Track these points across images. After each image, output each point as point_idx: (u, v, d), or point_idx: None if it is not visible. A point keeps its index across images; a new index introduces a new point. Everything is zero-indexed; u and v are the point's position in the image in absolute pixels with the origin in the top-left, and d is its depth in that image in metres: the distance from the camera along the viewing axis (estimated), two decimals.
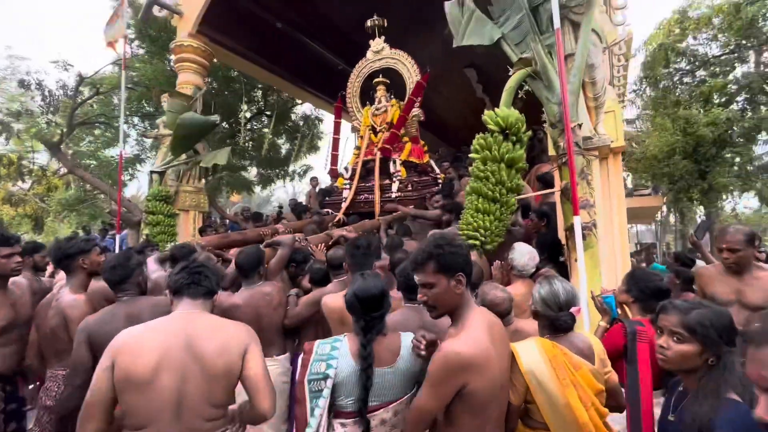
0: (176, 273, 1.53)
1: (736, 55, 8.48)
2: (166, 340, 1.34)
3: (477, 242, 2.83)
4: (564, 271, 3.02)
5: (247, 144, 12.20)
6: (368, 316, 1.55)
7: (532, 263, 2.70)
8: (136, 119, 11.16)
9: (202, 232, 5.74)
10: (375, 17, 6.40)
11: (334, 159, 6.70)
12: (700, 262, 5.45)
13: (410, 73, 5.99)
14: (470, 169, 3.05)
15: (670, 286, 2.20)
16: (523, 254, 2.68)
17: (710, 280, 2.50)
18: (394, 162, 5.65)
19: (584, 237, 2.67)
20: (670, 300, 1.37)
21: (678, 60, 8.97)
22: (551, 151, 3.33)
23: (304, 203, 7.55)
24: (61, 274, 2.69)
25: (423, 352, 1.43)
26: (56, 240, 2.35)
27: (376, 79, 6.30)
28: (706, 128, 7.40)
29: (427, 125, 7.77)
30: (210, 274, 1.56)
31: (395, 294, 2.08)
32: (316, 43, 8.03)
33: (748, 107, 8.50)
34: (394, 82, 6.40)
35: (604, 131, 3.15)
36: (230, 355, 1.39)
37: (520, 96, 3.28)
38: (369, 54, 6.39)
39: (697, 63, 8.86)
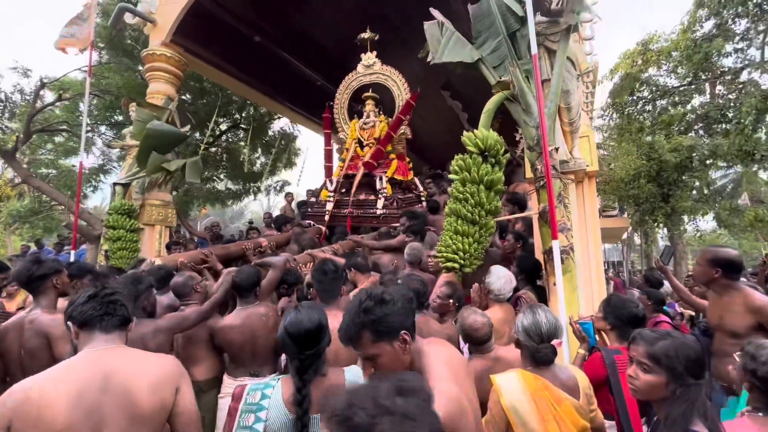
0: (83, 302, 1.32)
1: (693, 86, 9.08)
2: (76, 385, 1.15)
3: (456, 265, 2.76)
4: (542, 294, 3.00)
5: (220, 156, 11.90)
6: (303, 354, 1.36)
7: (508, 287, 2.67)
8: (103, 128, 10.67)
9: (168, 248, 5.43)
10: (368, 31, 6.40)
11: (329, 170, 6.57)
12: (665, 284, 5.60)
13: (400, 90, 6.02)
14: (449, 189, 3.01)
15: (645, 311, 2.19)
16: (500, 278, 2.65)
17: (707, 304, 2.55)
18: (381, 179, 5.64)
19: (562, 261, 2.66)
20: (639, 330, 1.35)
21: (641, 89, 9.52)
22: (528, 174, 3.35)
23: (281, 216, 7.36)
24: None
25: None
26: (25, 261, 2.24)
27: (366, 94, 6.28)
28: (671, 154, 7.82)
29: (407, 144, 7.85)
30: (125, 302, 1.41)
31: None
32: (294, 59, 7.99)
33: (704, 135, 9.07)
34: (383, 98, 6.38)
35: (579, 155, 3.20)
36: (164, 391, 1.28)
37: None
38: (359, 67, 6.37)
39: (658, 92, 9.43)
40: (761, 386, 1.36)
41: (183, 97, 10.04)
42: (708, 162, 8.00)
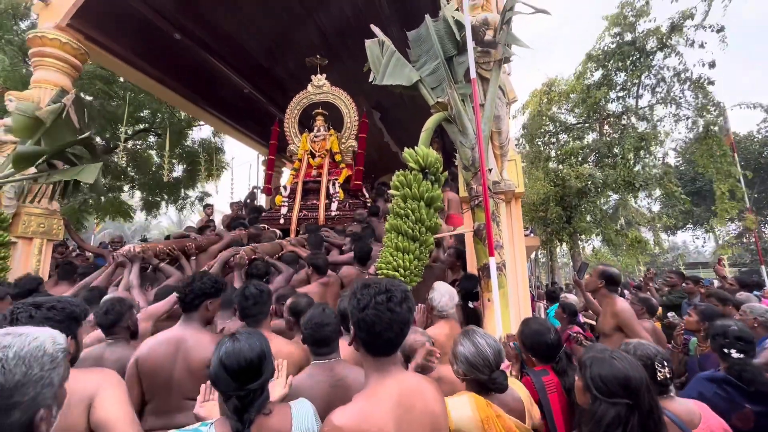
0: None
1: (587, 125, 10.60)
2: None
3: None
4: (473, 315, 3.07)
5: (126, 164, 10.52)
6: (243, 389, 1.16)
7: (451, 303, 2.66)
8: None
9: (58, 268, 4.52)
10: (317, 56, 7.13)
11: (269, 178, 7.47)
12: (572, 297, 6.23)
13: (348, 109, 6.85)
14: (389, 205, 2.96)
15: (559, 334, 2.14)
16: (443, 294, 2.63)
17: None
18: (333, 184, 6.38)
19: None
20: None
21: (547, 124, 10.84)
22: (462, 193, 3.47)
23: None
24: None
25: None
26: None
27: (316, 110, 7.05)
28: (576, 180, 8.95)
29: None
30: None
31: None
32: (220, 63, 7.47)
33: (595, 167, 10.58)
34: (331, 114, 7.16)
35: (508, 177, 3.41)
36: (69, 414, 1.18)
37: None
38: (310, 87, 7.08)
39: (561, 128, 10.82)
40: None
41: (86, 92, 8.77)
42: (600, 190, 9.31)
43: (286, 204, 6.36)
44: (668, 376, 1.49)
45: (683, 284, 5.32)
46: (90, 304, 2.66)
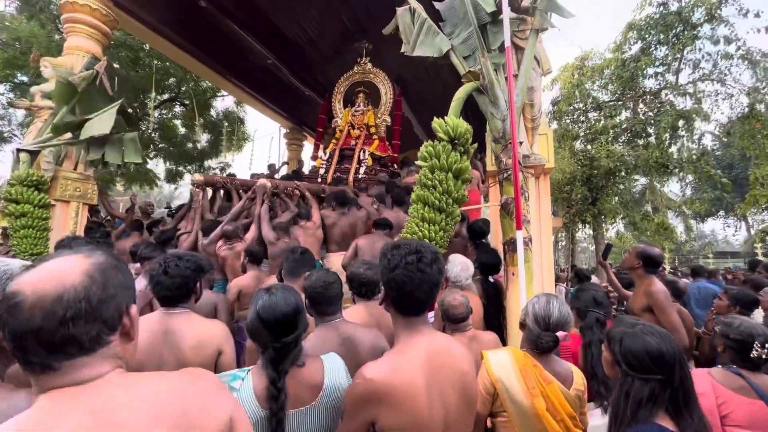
0: (160, 276, 1.62)
1: (621, 102, 10.09)
2: (147, 336, 1.48)
3: None
4: (493, 288, 3.08)
5: (151, 133, 10.75)
6: (278, 342, 1.22)
7: (464, 274, 2.71)
8: (1, 88, 9.05)
9: (89, 230, 4.75)
10: (364, 42, 7.86)
11: (316, 147, 8.49)
12: (593, 279, 6.13)
13: (386, 89, 7.86)
14: (416, 176, 2.94)
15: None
16: (456, 265, 2.70)
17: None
18: (364, 151, 7.25)
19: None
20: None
21: (578, 101, 10.37)
22: (490, 166, 3.41)
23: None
24: None
25: None
26: None
27: (358, 88, 8.01)
28: (606, 159, 8.61)
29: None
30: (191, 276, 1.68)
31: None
32: (245, 32, 7.39)
33: (627, 147, 10.13)
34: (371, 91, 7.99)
35: (538, 151, 3.32)
36: (206, 350, 1.56)
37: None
38: (356, 68, 8.09)
39: (592, 105, 10.34)
40: (732, 346, 1.62)
41: (112, 61, 8.90)
42: (629, 171, 8.95)
43: (324, 166, 7.31)
44: (763, 356, 1.57)
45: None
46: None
